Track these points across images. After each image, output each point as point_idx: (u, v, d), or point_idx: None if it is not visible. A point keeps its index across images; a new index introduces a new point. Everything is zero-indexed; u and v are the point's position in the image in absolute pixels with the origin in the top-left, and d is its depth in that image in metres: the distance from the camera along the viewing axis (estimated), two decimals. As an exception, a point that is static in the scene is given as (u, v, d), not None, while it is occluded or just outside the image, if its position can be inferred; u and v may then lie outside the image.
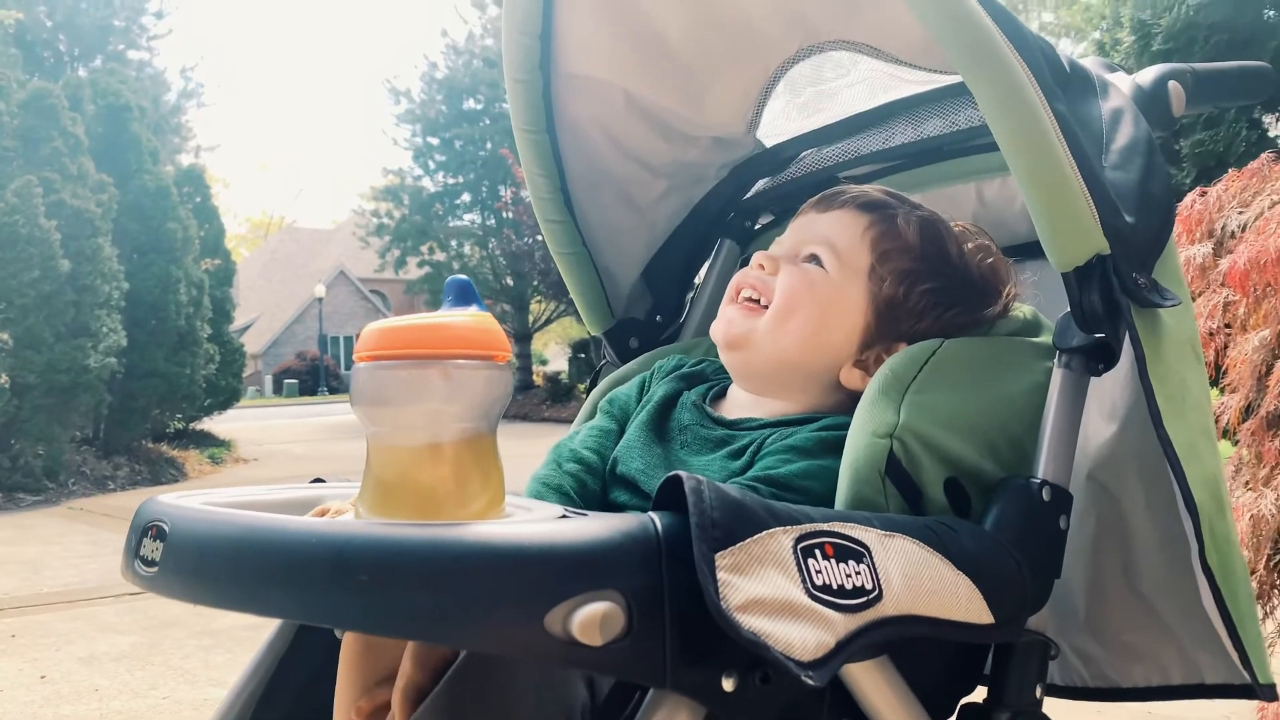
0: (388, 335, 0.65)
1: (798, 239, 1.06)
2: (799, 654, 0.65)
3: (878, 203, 1.05)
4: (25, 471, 7.16)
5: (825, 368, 1.01)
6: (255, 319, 32.41)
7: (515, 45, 1.21)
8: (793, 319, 1.00)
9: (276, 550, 0.62)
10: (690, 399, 1.08)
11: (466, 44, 20.55)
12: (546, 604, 0.59)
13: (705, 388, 1.10)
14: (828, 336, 1.00)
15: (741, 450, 0.97)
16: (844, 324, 1.00)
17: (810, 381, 1.02)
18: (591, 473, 1.04)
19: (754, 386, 1.05)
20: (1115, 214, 0.86)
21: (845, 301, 1.01)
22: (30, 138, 7.47)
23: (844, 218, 1.04)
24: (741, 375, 1.06)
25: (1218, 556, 0.88)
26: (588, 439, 1.08)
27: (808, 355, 1.00)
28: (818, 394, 1.02)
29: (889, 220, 1.03)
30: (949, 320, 1.01)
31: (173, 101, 21.12)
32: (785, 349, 1.00)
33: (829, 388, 1.02)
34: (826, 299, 1.00)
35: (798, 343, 1.00)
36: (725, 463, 0.97)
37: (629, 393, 1.14)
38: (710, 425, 1.03)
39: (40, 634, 3.27)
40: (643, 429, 1.06)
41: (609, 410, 1.13)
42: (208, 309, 9.36)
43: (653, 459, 1.02)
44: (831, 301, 1.00)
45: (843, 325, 1.00)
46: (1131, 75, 1.08)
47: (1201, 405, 0.93)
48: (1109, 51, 9.36)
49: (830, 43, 1.22)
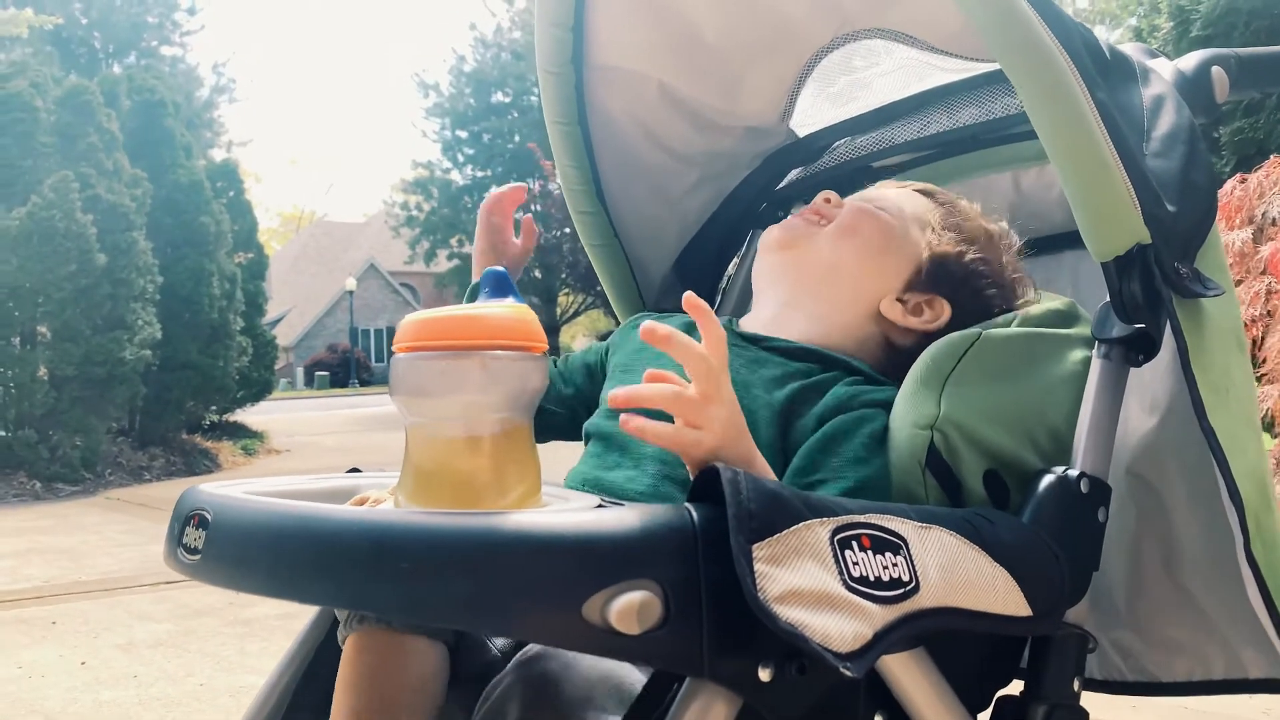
0: (426, 326, 0.66)
1: (865, 195, 1.11)
2: (837, 645, 0.65)
3: (941, 192, 1.11)
4: (64, 462, 7.28)
5: (872, 291, 1.02)
6: (287, 312, 32.74)
7: (547, 37, 1.21)
8: (856, 236, 1.04)
9: (318, 538, 0.63)
10: None
11: (495, 37, 20.63)
12: (584, 592, 0.60)
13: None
14: (882, 262, 1.03)
15: (780, 381, 0.94)
16: (899, 257, 1.04)
17: (850, 302, 1.02)
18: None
19: (788, 293, 1.05)
20: (1156, 203, 0.85)
21: (905, 239, 1.05)
22: (67, 134, 7.58)
23: (909, 193, 1.10)
24: (781, 276, 1.06)
25: (1264, 549, 0.87)
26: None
27: (860, 271, 1.03)
28: (849, 320, 1.02)
29: (953, 202, 1.09)
30: (987, 298, 1.03)
31: (205, 97, 21.37)
32: (842, 258, 1.03)
33: (865, 317, 1.02)
34: (889, 229, 1.05)
35: (854, 257, 1.03)
36: (768, 392, 0.94)
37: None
38: (741, 343, 1.00)
39: (79, 621, 3.33)
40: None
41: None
42: (240, 302, 9.46)
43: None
44: (893, 233, 1.05)
45: (898, 258, 1.04)
46: (1173, 61, 1.06)
47: (1246, 396, 0.92)
48: (1146, 38, 9.21)
49: (865, 31, 1.21)
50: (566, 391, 1.18)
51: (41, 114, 7.42)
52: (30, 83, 7.45)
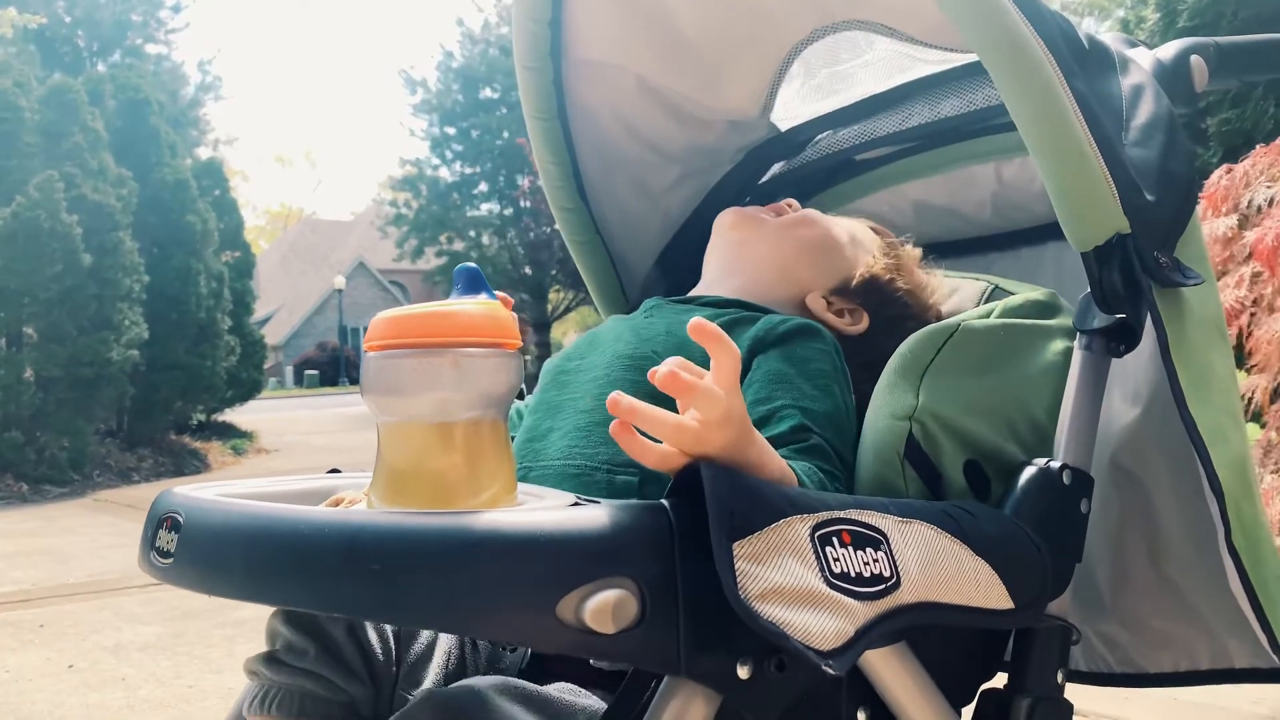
0: (397, 324, 0.65)
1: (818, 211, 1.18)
2: (818, 643, 0.64)
3: (889, 233, 1.20)
4: (51, 464, 7.24)
5: (802, 281, 1.09)
6: (275, 310, 32.64)
7: (525, 32, 1.20)
8: (801, 230, 1.13)
9: (289, 540, 0.62)
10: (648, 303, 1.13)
11: (483, 33, 20.55)
12: (558, 592, 0.59)
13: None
14: (818, 259, 1.11)
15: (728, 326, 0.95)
16: (835, 262, 1.11)
17: (780, 285, 1.09)
18: None
19: (728, 266, 1.12)
20: (1135, 192, 0.84)
21: (844, 250, 1.13)
22: (51, 133, 7.53)
23: (863, 224, 1.19)
24: (724, 252, 1.13)
25: (1245, 539, 0.87)
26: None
27: (796, 262, 1.10)
28: (777, 298, 1.08)
29: (897, 243, 1.17)
30: (903, 322, 1.06)
31: (191, 95, 21.26)
32: (783, 247, 1.11)
33: (790, 303, 1.08)
34: (833, 237, 1.13)
35: (794, 248, 1.11)
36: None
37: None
38: (674, 304, 1.09)
39: (67, 624, 3.31)
40: (608, 325, 1.09)
41: None
42: (228, 301, 9.42)
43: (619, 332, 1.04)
44: (836, 241, 1.13)
45: (834, 262, 1.11)
46: (1152, 50, 1.06)
47: (1227, 386, 0.92)
48: (1133, 29, 9.22)
49: (844, 23, 1.20)
50: None
51: (26, 113, 7.37)
52: (14, 82, 7.40)
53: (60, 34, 17.61)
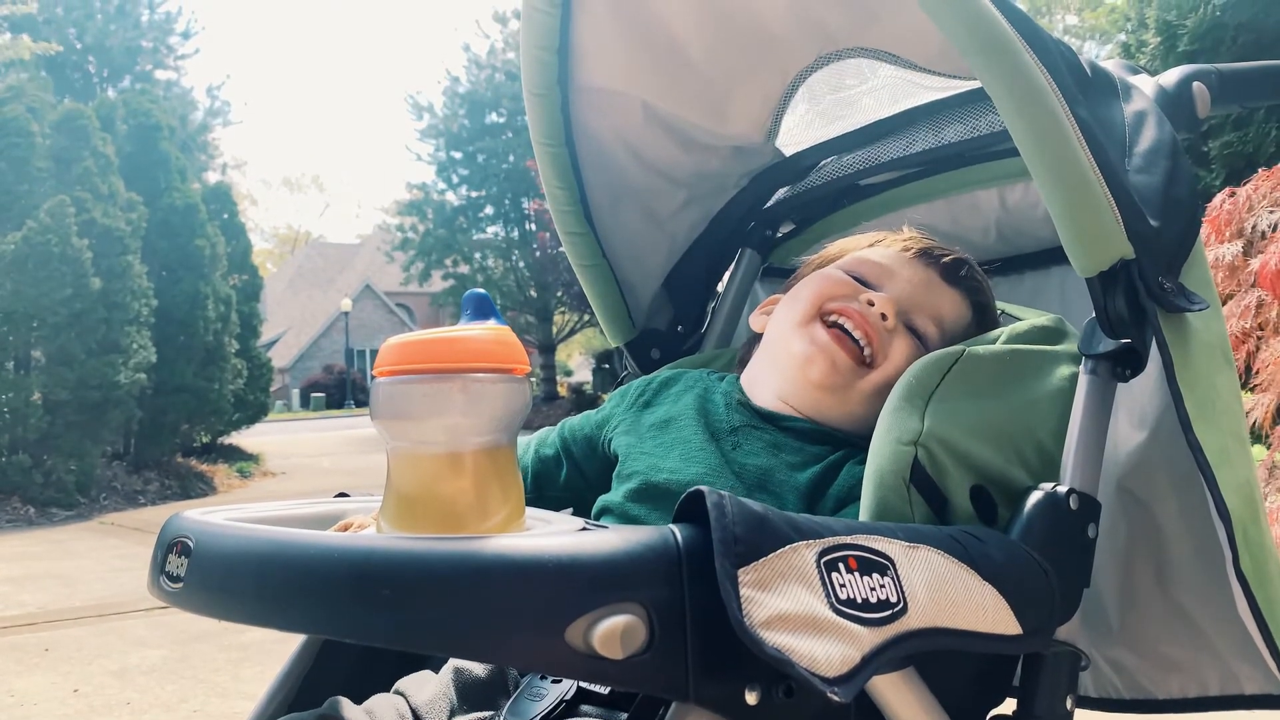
0: (407, 350, 0.66)
1: (915, 298, 1.05)
2: (824, 669, 0.64)
3: (988, 300, 1.10)
4: (58, 487, 7.25)
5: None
6: (282, 333, 32.73)
7: (533, 60, 1.21)
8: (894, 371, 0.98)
9: (299, 565, 0.62)
10: (723, 389, 1.08)
11: (488, 58, 20.71)
12: (567, 617, 0.59)
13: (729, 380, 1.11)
14: None
15: (801, 465, 0.97)
16: None
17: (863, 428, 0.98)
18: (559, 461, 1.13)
19: (809, 412, 1.02)
20: (1139, 218, 0.85)
21: None
22: (62, 158, 7.60)
23: (960, 304, 1.07)
24: (811, 408, 1.02)
25: (1252, 563, 0.86)
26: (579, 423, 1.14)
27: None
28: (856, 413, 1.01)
29: (989, 320, 1.08)
30: None
31: (200, 120, 21.43)
32: (871, 413, 0.94)
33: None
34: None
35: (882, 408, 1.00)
36: (790, 476, 0.96)
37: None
38: (758, 422, 1.02)
39: (73, 648, 3.31)
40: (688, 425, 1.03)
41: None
42: (235, 324, 9.46)
43: (708, 459, 0.99)
44: None
45: None
46: (1155, 77, 1.07)
47: (1233, 410, 0.92)
48: (1134, 54, 9.27)
49: (848, 50, 1.21)
50: (566, 474, 1.13)
51: (37, 138, 7.44)
52: (26, 107, 7.48)
53: (71, 60, 17.79)
